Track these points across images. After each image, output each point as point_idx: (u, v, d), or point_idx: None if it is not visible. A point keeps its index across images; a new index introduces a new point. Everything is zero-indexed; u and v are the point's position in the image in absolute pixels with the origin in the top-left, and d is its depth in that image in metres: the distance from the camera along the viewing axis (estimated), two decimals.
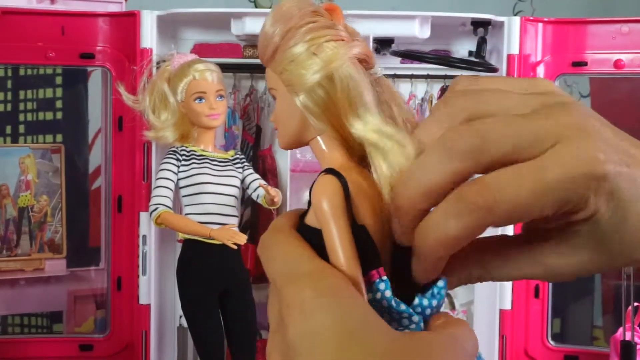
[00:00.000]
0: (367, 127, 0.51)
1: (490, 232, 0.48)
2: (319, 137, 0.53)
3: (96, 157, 2.99)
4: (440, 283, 0.50)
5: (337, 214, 0.48)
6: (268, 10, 3.48)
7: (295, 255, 0.48)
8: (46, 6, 2.61)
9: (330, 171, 0.50)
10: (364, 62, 0.53)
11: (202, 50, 2.60)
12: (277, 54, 0.52)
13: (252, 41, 2.62)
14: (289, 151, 2.65)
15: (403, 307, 0.49)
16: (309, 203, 0.52)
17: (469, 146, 0.43)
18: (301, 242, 0.49)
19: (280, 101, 0.53)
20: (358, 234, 0.49)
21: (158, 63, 2.44)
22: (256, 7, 3.76)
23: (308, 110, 0.51)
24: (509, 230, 1.90)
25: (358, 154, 0.52)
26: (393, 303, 0.48)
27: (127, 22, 2.49)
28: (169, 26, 2.60)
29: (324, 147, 0.53)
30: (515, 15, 3.59)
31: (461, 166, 0.43)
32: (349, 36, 0.53)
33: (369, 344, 0.42)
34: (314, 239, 0.50)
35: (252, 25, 2.46)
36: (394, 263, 0.50)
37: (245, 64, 2.64)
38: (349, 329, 0.42)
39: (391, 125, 0.51)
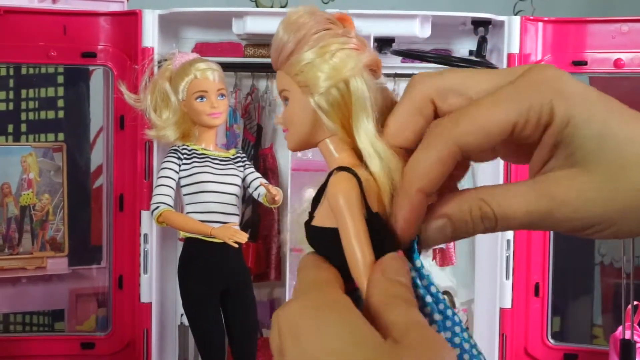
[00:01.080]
0: (365, 137, 0.53)
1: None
2: (328, 139, 0.54)
3: (98, 156, 2.99)
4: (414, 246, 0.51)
5: (353, 210, 0.50)
6: (269, 9, 3.50)
7: (304, 278, 0.49)
8: (48, 5, 2.62)
9: (343, 168, 0.52)
10: (373, 72, 0.55)
11: (204, 49, 2.60)
12: (293, 57, 0.54)
13: (253, 40, 2.63)
14: (289, 150, 2.66)
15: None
16: (313, 205, 0.53)
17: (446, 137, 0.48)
18: (318, 265, 0.50)
19: (294, 102, 0.54)
20: (374, 221, 0.50)
21: (159, 62, 2.45)
22: (257, 6, 3.76)
23: (322, 110, 0.53)
24: None
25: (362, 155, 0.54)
26: (424, 272, 0.50)
27: (128, 21, 2.50)
28: (171, 25, 2.60)
29: (333, 148, 0.55)
30: (515, 14, 3.60)
31: (445, 151, 0.48)
32: (361, 45, 0.55)
33: (359, 358, 0.42)
34: (325, 238, 0.51)
35: (254, 25, 2.47)
36: None
37: (246, 63, 2.65)
38: (338, 349, 0.42)
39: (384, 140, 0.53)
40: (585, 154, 0.45)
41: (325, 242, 0.51)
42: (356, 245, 0.49)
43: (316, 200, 0.54)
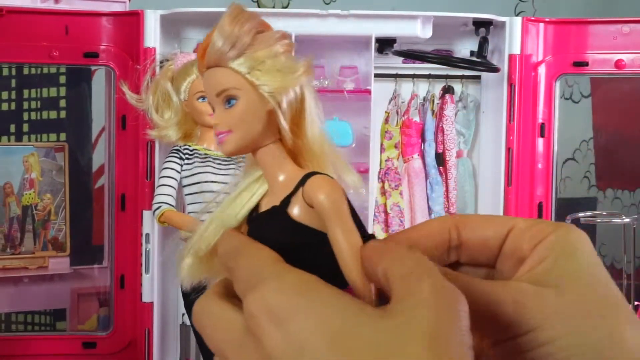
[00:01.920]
0: (324, 145, 0.51)
1: None
2: (273, 144, 0.52)
3: (99, 156, 3.00)
4: None
5: (346, 214, 0.47)
6: (272, 10, 3.51)
7: (257, 260, 0.44)
8: (50, 5, 2.62)
9: (322, 174, 0.49)
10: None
11: None
12: (247, 52, 0.50)
13: None
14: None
15: None
16: (285, 202, 0.50)
17: None
18: (260, 246, 0.46)
19: (245, 101, 0.51)
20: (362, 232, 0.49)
21: (161, 62, 2.45)
22: (259, 7, 3.77)
23: (282, 112, 0.50)
24: None
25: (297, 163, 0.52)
26: None
27: (130, 22, 2.50)
28: (173, 25, 2.61)
29: (280, 154, 0.52)
30: (516, 15, 3.61)
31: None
32: (292, 48, 0.53)
33: (362, 337, 0.37)
34: (305, 237, 0.49)
35: None
36: None
37: None
38: (335, 327, 0.38)
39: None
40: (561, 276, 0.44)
41: (305, 242, 0.48)
42: (352, 253, 0.46)
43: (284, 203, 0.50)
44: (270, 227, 0.50)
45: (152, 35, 2.47)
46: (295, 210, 0.49)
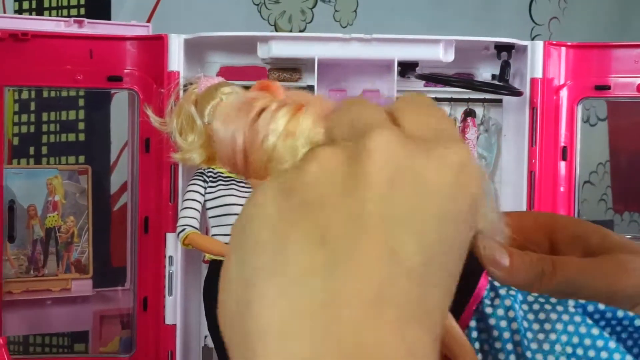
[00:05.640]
0: None
1: None
2: None
3: (118, 178, 3.01)
4: None
5: None
6: (294, 34, 3.53)
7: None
8: (74, 30, 2.65)
9: None
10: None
11: (228, 73, 2.63)
12: (250, 158, 0.42)
13: (277, 64, 2.66)
14: None
15: None
16: None
17: None
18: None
19: None
20: None
21: (185, 86, 2.47)
22: (276, 30, 3.80)
23: None
24: None
25: None
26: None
27: (154, 46, 2.52)
28: (196, 49, 2.63)
29: None
30: (532, 39, 3.63)
31: None
32: (300, 102, 0.46)
33: None
34: None
35: (278, 49, 2.50)
36: None
37: None
38: None
39: None
40: None
41: None
42: None
43: None
44: None
45: (176, 59, 2.49)
46: None
